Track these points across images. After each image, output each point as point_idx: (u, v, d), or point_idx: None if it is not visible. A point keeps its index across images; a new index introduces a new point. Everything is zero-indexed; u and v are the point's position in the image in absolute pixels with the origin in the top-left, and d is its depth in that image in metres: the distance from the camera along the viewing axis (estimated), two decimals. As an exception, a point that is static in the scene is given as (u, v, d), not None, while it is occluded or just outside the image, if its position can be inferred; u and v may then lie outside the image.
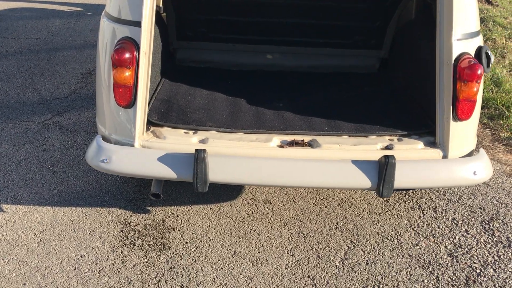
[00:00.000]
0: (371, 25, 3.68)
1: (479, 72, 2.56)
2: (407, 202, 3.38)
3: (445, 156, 2.69)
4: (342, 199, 3.37)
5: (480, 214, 3.31)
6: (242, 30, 3.74)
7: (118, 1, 2.71)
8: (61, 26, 7.25)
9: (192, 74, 3.65)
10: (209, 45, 3.79)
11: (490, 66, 2.73)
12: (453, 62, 2.62)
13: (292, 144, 2.69)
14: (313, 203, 3.32)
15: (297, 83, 3.59)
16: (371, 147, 2.68)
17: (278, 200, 3.33)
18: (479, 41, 2.76)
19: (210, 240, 2.96)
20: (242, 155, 2.59)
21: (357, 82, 3.63)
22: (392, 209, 3.31)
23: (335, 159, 2.60)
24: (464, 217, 3.26)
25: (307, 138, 2.73)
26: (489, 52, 2.72)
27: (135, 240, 2.94)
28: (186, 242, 2.94)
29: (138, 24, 2.61)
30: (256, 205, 3.28)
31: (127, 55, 2.55)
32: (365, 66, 3.87)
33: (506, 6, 9.31)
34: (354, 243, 2.98)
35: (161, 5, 3.64)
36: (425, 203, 3.39)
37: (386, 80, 3.68)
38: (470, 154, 2.80)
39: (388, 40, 3.74)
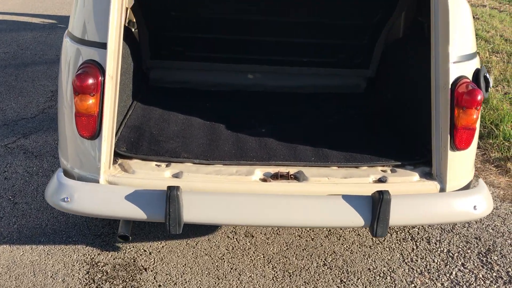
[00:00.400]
0: (357, 43, 3.47)
1: (479, 98, 2.35)
2: (399, 233, 3.15)
3: (442, 189, 2.47)
4: (329, 230, 3.12)
5: (476, 245, 3.09)
6: (221, 49, 3.49)
7: (81, 20, 2.44)
8: (32, 39, 6.91)
9: (167, 96, 3.39)
10: (185, 64, 3.53)
11: (489, 90, 2.53)
12: (450, 87, 2.41)
13: (276, 177, 2.44)
14: (299, 236, 3.06)
15: (280, 105, 3.35)
16: (363, 180, 2.44)
17: (260, 233, 3.06)
18: (476, 63, 2.56)
19: (186, 282, 2.68)
20: (221, 191, 2.33)
21: (344, 104, 3.41)
22: (384, 240, 3.07)
23: (324, 195, 2.35)
24: (460, 249, 3.05)
25: (292, 170, 2.49)
26: (488, 75, 2.52)
27: (102, 283, 2.64)
28: (160, 286, 2.65)
29: (103, 45, 2.34)
30: (237, 239, 3.01)
31: (90, 81, 2.28)
32: (351, 85, 3.65)
33: (487, 19, 9.29)
34: (344, 282, 2.73)
35: (133, 20, 3.37)
36: (418, 233, 3.16)
37: (374, 101, 3.47)
38: (468, 186, 2.58)
39: (375, 58, 3.54)
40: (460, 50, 2.46)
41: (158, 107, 3.13)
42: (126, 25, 3.36)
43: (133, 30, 3.50)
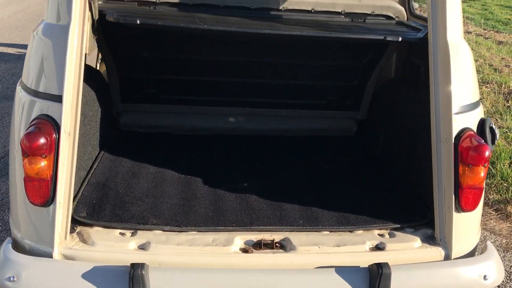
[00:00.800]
0: (346, 84, 3.22)
1: (486, 154, 2.08)
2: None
3: (447, 256, 2.18)
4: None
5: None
6: (199, 90, 3.21)
7: (34, 68, 2.14)
8: (5, 71, 6.59)
9: (139, 142, 3.08)
10: (160, 107, 3.24)
11: (496, 142, 2.27)
12: (453, 141, 2.14)
13: (259, 245, 2.13)
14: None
15: (264, 151, 3.06)
16: (359, 248, 2.14)
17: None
18: (480, 112, 2.30)
19: None
20: (195, 265, 2.01)
21: (334, 150, 3.13)
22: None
23: (314, 267, 2.04)
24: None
25: (278, 237, 2.18)
26: (494, 126, 2.26)
27: None
28: None
29: (59, 98, 2.04)
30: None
31: (41, 141, 1.96)
32: (341, 128, 3.38)
33: (474, 47, 9.21)
34: None
35: (101, 61, 3.09)
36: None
37: (367, 147, 3.20)
38: (475, 250, 2.30)
39: (366, 100, 3.28)
40: (463, 99, 2.20)
41: (127, 157, 2.81)
42: (93, 66, 3.08)
43: (100, 71, 3.22)
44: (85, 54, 2.18)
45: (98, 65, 3.32)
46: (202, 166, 2.79)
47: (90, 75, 2.74)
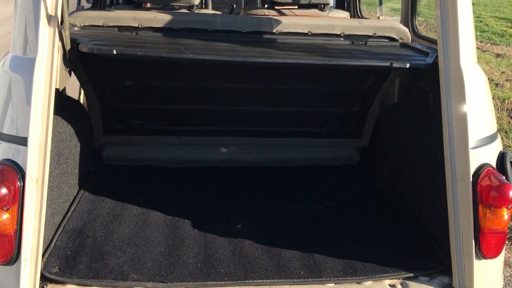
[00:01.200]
0: (347, 110, 2.98)
1: (510, 194, 1.84)
2: None
3: (468, 310, 1.92)
4: None
5: None
6: (188, 120, 2.97)
7: (-3, 107, 1.90)
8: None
9: (123, 178, 2.83)
10: (146, 139, 2.99)
11: (517, 178, 2.02)
12: (471, 179, 1.90)
13: None
14: None
15: (259, 185, 2.82)
16: None
17: None
18: (498, 144, 2.07)
19: None
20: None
21: (336, 182, 2.88)
22: None
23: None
24: None
25: None
26: (514, 160, 2.02)
27: None
28: None
29: (23, 141, 1.79)
30: None
31: (2, 191, 1.71)
32: (342, 157, 3.14)
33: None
34: None
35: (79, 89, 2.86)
36: None
37: (371, 178, 2.96)
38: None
39: (368, 127, 3.04)
40: (480, 132, 1.96)
41: (109, 196, 2.56)
42: (71, 97, 2.83)
43: (80, 101, 2.99)
44: (56, 89, 1.95)
45: (77, 94, 3.08)
46: (192, 204, 2.54)
47: (66, 107, 2.50)
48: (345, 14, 3.63)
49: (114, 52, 2.03)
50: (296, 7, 3.51)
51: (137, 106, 2.87)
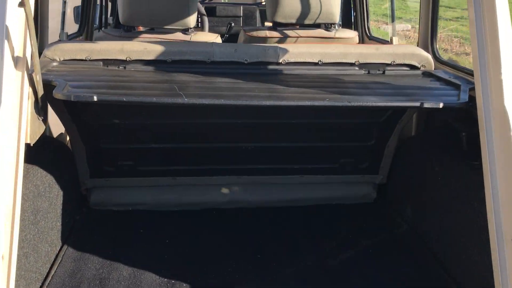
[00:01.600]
0: (362, 144, 2.67)
1: None
2: None
3: None
4: None
5: None
6: (185, 159, 2.66)
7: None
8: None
9: (112, 227, 2.52)
10: (138, 181, 2.67)
11: None
12: None
13: None
14: None
15: (264, 232, 2.51)
16: None
17: None
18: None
19: None
20: None
21: (350, 225, 2.58)
22: None
23: None
24: None
25: None
26: None
27: None
28: None
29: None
30: None
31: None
32: (357, 196, 2.83)
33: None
34: None
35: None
36: None
37: (388, 219, 2.65)
38: None
39: (386, 162, 2.73)
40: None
41: (96, 253, 2.24)
42: (50, 140, 2.53)
43: (64, 142, 2.68)
44: (26, 144, 1.64)
45: (58, 135, 2.77)
46: (191, 260, 2.23)
47: (43, 153, 2.20)
48: (353, 33, 3.34)
49: (95, 98, 1.73)
50: (299, 26, 3.22)
51: (126, 146, 2.56)
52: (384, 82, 2.20)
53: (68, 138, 2.56)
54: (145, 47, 2.25)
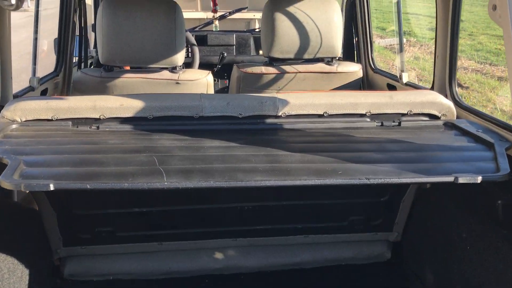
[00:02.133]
0: (375, 200, 2.35)
1: None
2: None
3: None
4: None
5: None
6: (172, 223, 2.32)
7: None
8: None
9: None
10: (118, 248, 2.32)
11: None
12: None
13: None
14: None
15: None
16: None
17: None
18: None
19: None
20: None
21: None
22: None
23: None
24: None
25: None
26: None
27: None
28: None
29: None
30: None
31: None
32: (370, 256, 2.51)
33: (477, 87, 8.57)
34: None
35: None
36: None
37: (406, 280, 2.32)
38: None
39: (401, 218, 2.41)
40: None
41: None
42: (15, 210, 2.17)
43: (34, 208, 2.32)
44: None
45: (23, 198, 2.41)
46: None
47: (9, 223, 1.86)
48: (356, 66, 3.04)
49: (51, 187, 1.38)
50: (298, 59, 2.92)
51: (103, 212, 2.21)
52: (403, 140, 1.87)
53: (36, 207, 2.20)
54: (121, 103, 1.90)
